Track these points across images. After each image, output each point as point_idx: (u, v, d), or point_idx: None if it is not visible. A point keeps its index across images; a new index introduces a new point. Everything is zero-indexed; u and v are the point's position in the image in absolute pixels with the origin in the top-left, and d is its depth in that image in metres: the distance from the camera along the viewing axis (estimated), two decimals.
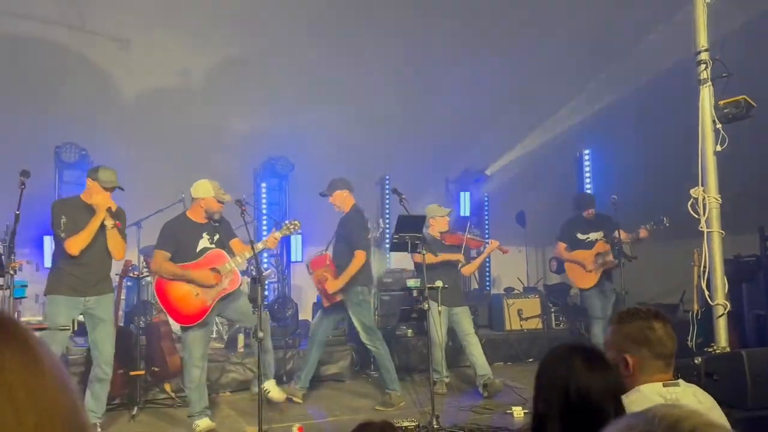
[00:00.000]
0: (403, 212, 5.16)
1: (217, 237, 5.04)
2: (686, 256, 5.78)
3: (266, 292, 7.31)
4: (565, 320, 8.00)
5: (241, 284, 5.10)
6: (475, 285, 9.56)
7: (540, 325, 7.95)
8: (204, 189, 5.05)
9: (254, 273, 4.82)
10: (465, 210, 9.41)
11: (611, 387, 1.73)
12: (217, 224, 5.03)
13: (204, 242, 5.01)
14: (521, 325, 7.85)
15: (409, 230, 4.86)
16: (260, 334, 4.46)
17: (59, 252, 4.58)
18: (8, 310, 3.94)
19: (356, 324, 5.74)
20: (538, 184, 8.80)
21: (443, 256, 6.13)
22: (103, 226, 4.56)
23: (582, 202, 6.87)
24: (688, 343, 5.52)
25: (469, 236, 6.42)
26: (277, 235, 4.98)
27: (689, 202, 4.73)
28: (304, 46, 7.91)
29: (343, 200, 5.83)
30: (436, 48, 8.33)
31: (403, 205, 5.23)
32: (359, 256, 5.55)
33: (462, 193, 9.49)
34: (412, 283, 5.63)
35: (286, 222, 5.16)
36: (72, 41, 7.72)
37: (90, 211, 4.56)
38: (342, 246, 5.74)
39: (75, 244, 4.47)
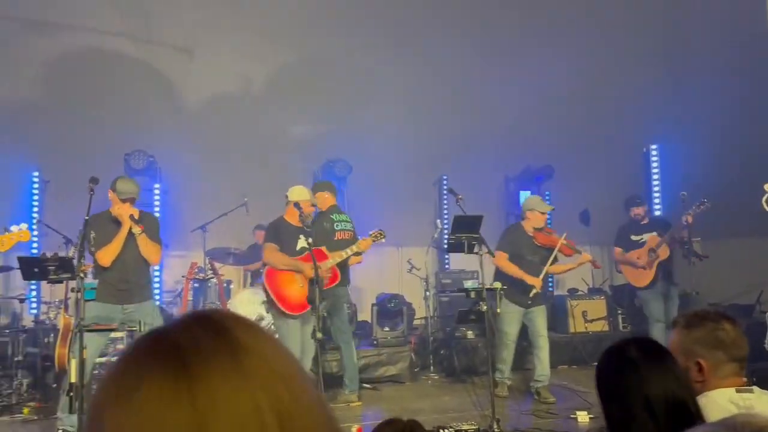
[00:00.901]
0: (459, 212, 5.11)
1: (311, 240, 5.24)
2: (762, 254, 5.48)
3: None
4: (630, 323, 7.72)
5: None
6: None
7: (606, 328, 7.69)
8: (300, 193, 5.37)
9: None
10: None
11: (683, 380, 1.69)
12: (309, 229, 5.26)
13: (302, 242, 5.30)
14: (586, 327, 7.62)
15: (465, 230, 4.80)
16: (318, 335, 4.52)
17: (96, 264, 4.75)
18: (80, 311, 4.09)
19: None
20: (602, 181, 8.53)
21: (520, 274, 5.87)
22: (132, 235, 4.69)
23: (629, 202, 6.77)
24: (765, 345, 5.23)
25: (564, 242, 5.98)
26: (369, 240, 5.32)
27: (764, 198, 4.48)
28: (361, 48, 7.96)
29: (323, 201, 5.97)
30: (494, 44, 8.22)
31: (459, 205, 5.19)
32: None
33: (522, 192, 9.30)
34: (469, 284, 5.55)
35: (374, 232, 5.43)
36: (138, 52, 8.03)
37: (117, 222, 4.70)
38: None
39: (105, 256, 4.63)
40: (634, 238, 6.64)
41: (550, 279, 9.38)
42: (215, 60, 8.06)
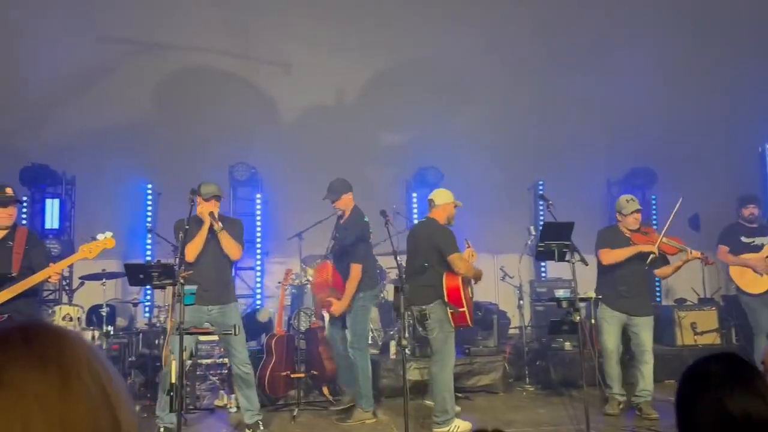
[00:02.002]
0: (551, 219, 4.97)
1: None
2: None
3: None
4: (744, 335, 7.14)
5: None
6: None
7: (718, 340, 7.16)
8: (446, 195, 5.39)
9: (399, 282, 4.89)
10: None
11: None
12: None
13: None
14: (695, 340, 7.13)
15: (556, 238, 4.65)
16: (404, 342, 4.53)
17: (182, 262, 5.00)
18: (179, 314, 4.32)
19: (348, 328, 5.52)
20: (714, 183, 7.98)
21: (629, 251, 5.52)
22: (215, 236, 4.91)
23: (742, 200, 6.33)
24: None
25: (665, 240, 5.61)
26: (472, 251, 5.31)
27: None
28: (453, 53, 7.94)
29: (347, 203, 5.67)
30: (594, 42, 7.93)
31: (550, 211, 5.04)
32: (355, 271, 5.43)
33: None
34: (561, 293, 5.34)
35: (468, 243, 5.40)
36: (240, 69, 8.47)
37: (202, 222, 4.95)
38: (344, 255, 5.59)
39: (189, 252, 4.86)
40: (744, 240, 6.24)
41: (657, 289, 8.86)
42: (310, 73, 8.33)
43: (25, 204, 7.71)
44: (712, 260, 6.02)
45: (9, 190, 4.58)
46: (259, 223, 8.34)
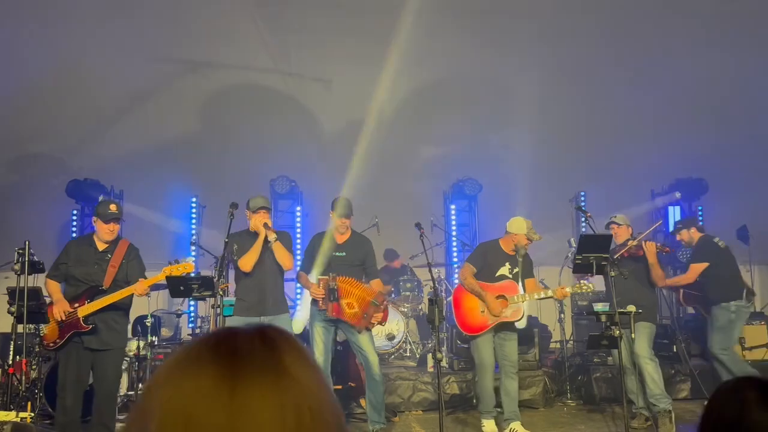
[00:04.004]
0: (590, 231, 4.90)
1: (516, 270, 5.39)
2: None
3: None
4: None
5: (521, 319, 5.36)
6: (690, 309, 8.63)
7: None
8: (518, 225, 5.39)
9: (432, 295, 4.89)
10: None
11: None
12: (520, 259, 5.39)
13: (504, 270, 5.41)
14: (744, 355, 6.88)
15: (594, 250, 4.57)
16: (439, 355, 4.53)
17: (236, 279, 5.10)
18: (218, 325, 4.43)
19: (370, 348, 5.20)
20: (762, 193, 7.72)
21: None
22: (269, 249, 4.98)
23: None
24: None
25: (635, 243, 5.50)
26: (567, 290, 5.33)
27: None
28: (490, 65, 7.93)
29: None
30: (636, 44, 7.80)
31: (588, 224, 4.98)
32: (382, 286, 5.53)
33: (671, 207, 8.65)
34: (599, 307, 5.22)
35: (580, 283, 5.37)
36: (282, 86, 8.64)
37: (256, 235, 5.03)
38: (358, 272, 5.34)
39: (246, 262, 4.95)
40: None
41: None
42: (350, 88, 8.44)
43: (75, 216, 8.03)
44: (667, 249, 5.79)
45: (113, 207, 4.73)
46: (299, 236, 8.45)
